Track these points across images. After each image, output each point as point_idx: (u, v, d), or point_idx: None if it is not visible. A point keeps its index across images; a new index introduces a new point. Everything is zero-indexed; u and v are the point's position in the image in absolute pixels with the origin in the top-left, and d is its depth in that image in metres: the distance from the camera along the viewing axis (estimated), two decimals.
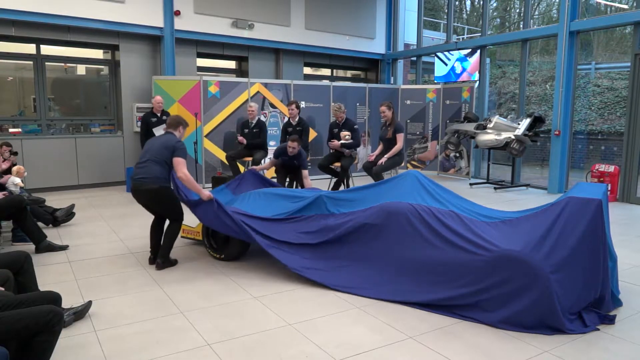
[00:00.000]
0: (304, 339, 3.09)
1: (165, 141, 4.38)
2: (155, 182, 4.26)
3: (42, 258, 4.65)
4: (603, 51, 15.82)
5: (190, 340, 3.05)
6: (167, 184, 4.33)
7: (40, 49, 8.50)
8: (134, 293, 3.84)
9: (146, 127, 7.49)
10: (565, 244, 3.25)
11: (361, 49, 11.85)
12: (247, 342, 3.04)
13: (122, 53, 8.94)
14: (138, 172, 4.34)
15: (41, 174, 8.13)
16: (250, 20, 9.89)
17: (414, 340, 3.08)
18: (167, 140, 4.39)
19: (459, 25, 18.06)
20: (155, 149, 4.35)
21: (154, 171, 4.27)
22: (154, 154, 4.32)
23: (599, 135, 13.33)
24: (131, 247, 5.13)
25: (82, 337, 3.07)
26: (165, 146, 4.33)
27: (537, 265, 3.15)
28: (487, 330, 3.21)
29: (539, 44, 15.92)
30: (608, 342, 3.07)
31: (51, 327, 2.29)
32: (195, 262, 4.63)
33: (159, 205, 4.44)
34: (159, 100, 7.63)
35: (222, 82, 9.08)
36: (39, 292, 2.86)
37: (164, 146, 4.33)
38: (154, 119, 7.49)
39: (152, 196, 4.33)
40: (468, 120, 9.28)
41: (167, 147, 4.31)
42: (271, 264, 4.53)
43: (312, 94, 10.05)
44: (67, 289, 3.83)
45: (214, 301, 3.68)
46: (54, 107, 8.92)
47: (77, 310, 3.27)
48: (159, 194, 4.31)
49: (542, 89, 15.01)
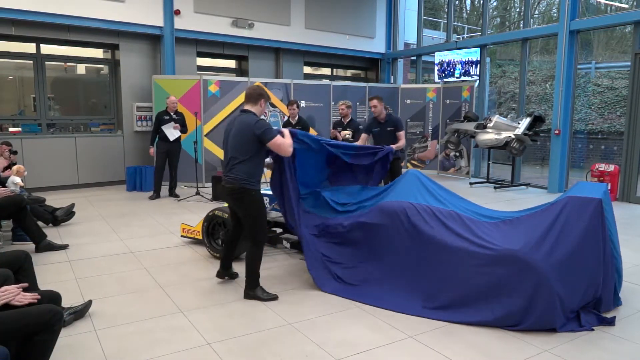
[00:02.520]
0: (304, 338, 3.08)
1: (242, 130, 3.61)
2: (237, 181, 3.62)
3: (42, 257, 4.64)
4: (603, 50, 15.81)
5: (190, 340, 3.05)
6: (252, 186, 3.65)
7: (40, 49, 8.50)
8: (134, 292, 3.84)
9: (158, 125, 7.62)
10: (565, 243, 3.25)
11: (361, 48, 11.84)
12: (247, 341, 3.04)
13: (122, 52, 8.94)
14: (224, 171, 3.76)
15: (41, 173, 8.13)
16: (250, 19, 9.89)
17: (413, 340, 3.08)
18: (243, 127, 3.61)
19: (459, 24, 18.05)
20: (233, 145, 3.64)
21: (238, 170, 3.62)
22: (235, 152, 3.63)
23: (599, 134, 13.32)
24: (131, 246, 5.13)
25: (82, 337, 3.06)
26: (244, 138, 3.59)
27: (537, 264, 3.14)
28: (487, 329, 3.21)
29: (539, 43, 15.91)
30: (608, 342, 3.07)
31: (51, 326, 2.29)
32: (195, 262, 4.62)
33: (240, 208, 3.75)
34: (173, 100, 7.74)
35: (222, 82, 9.07)
36: (38, 291, 2.86)
37: (243, 139, 3.60)
38: (167, 117, 7.60)
39: (234, 197, 3.70)
40: (468, 119, 9.28)
41: (247, 137, 3.58)
42: (271, 263, 4.53)
43: (312, 93, 10.04)
44: (67, 288, 3.82)
45: (214, 300, 3.68)
46: (54, 106, 8.92)
47: (77, 310, 3.27)
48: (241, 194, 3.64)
49: (542, 88, 15.00)
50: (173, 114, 7.68)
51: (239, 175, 3.60)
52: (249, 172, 3.61)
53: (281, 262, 4.62)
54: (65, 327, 3.05)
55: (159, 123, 7.59)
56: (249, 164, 3.61)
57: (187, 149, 8.56)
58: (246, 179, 3.60)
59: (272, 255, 4.81)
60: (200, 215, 5.84)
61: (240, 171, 3.61)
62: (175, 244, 5.24)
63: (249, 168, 3.61)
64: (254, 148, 3.60)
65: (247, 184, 3.61)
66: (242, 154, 3.60)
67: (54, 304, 2.52)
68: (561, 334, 3.13)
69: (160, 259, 4.71)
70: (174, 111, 7.71)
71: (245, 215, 3.71)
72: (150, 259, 4.68)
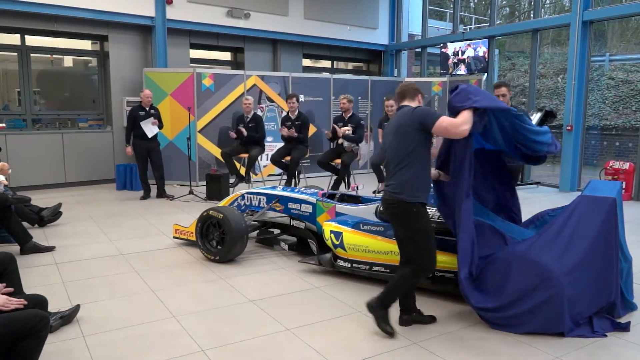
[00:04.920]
0: (303, 345, 3.09)
1: (400, 124, 3.12)
2: (394, 192, 3.11)
3: (27, 260, 4.64)
4: (618, 42, 15.80)
5: (183, 346, 3.05)
6: (413, 198, 3.09)
7: (25, 40, 8.48)
8: (124, 296, 3.84)
9: (133, 121, 7.45)
10: (578, 245, 3.25)
11: (363, 40, 11.83)
12: (242, 348, 3.04)
13: (111, 44, 8.93)
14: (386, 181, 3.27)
15: (26, 171, 8.12)
16: (246, 9, 9.88)
17: (418, 346, 3.08)
18: (400, 120, 3.14)
19: (466, 14, 18.04)
20: (391, 145, 3.16)
21: (396, 178, 3.12)
22: (393, 155, 3.14)
23: (613, 130, 13.33)
24: (121, 248, 5.13)
25: (69, 343, 3.06)
26: (402, 133, 3.09)
27: (549, 266, 3.15)
28: (496, 335, 3.22)
29: (550, 35, 15.91)
30: (620, 348, 3.07)
31: (37, 332, 2.29)
32: (189, 264, 4.63)
33: (396, 227, 3.23)
34: (148, 94, 7.60)
35: (217, 75, 9.06)
36: (24, 295, 2.86)
37: (401, 135, 3.09)
38: (142, 113, 7.47)
39: (389, 212, 3.22)
40: None
41: (406, 130, 3.06)
42: (268, 266, 4.54)
43: (311, 87, 10.04)
44: (54, 292, 3.83)
45: (208, 305, 3.68)
46: (40, 101, 8.92)
47: (65, 315, 3.27)
48: (396, 208, 3.14)
49: (553, 81, 15.01)
50: (149, 109, 7.58)
51: (395, 185, 3.10)
52: (409, 180, 3.07)
53: (279, 264, 4.62)
54: (52, 333, 3.05)
55: (135, 119, 7.44)
56: (410, 170, 3.07)
57: (180, 145, 8.57)
58: (405, 189, 3.07)
59: (269, 258, 4.81)
60: (193, 215, 5.84)
61: (398, 179, 3.09)
62: (168, 245, 5.24)
63: (410, 175, 3.07)
64: (415, 145, 3.04)
65: (405, 195, 3.07)
66: (402, 155, 3.08)
67: (40, 309, 2.53)
68: (573, 340, 3.13)
69: (151, 261, 4.71)
70: (149, 106, 7.62)
71: (404, 237, 3.18)
72: (141, 262, 4.68)
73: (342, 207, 4.57)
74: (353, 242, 4.10)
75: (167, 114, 8.49)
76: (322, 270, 4.39)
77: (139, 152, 7.55)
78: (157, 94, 8.31)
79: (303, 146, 7.41)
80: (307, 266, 4.48)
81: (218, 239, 4.65)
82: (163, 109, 8.23)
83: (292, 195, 4.90)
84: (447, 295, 3.77)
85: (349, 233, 4.15)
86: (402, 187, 3.08)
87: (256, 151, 7.48)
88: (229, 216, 4.50)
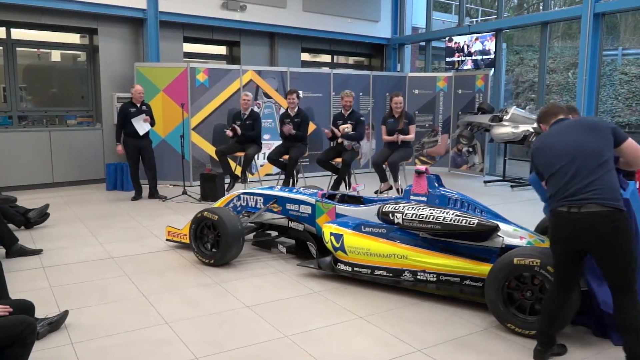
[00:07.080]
0: (302, 352, 3.09)
1: (591, 127, 2.83)
2: (607, 201, 2.64)
3: (13, 263, 4.63)
4: (631, 35, 15.82)
5: (177, 354, 3.05)
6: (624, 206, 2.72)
7: (11, 33, 8.47)
8: (115, 302, 3.84)
9: (124, 119, 7.44)
10: None
11: (364, 33, 11.83)
12: (238, 356, 3.04)
13: (101, 37, 8.92)
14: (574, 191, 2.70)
15: (12, 170, 8.11)
16: (242, 1, 9.87)
17: (422, 354, 3.09)
18: (590, 124, 2.86)
19: (473, 6, 18.06)
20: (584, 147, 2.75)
21: (600, 183, 2.67)
22: (587, 159, 2.72)
23: (626, 127, 13.35)
24: (111, 251, 5.13)
25: (57, 350, 3.06)
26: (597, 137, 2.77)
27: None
28: (503, 343, 3.22)
29: (560, 28, 15.93)
30: None
31: (23, 339, 2.29)
32: (182, 268, 4.63)
33: (611, 245, 2.66)
34: (139, 90, 7.60)
35: (212, 70, 9.06)
36: (9, 301, 2.86)
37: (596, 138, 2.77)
38: (134, 109, 7.47)
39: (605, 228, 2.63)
40: (482, 111, 9.28)
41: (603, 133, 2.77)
42: (265, 269, 4.54)
43: (310, 82, 10.04)
44: (41, 297, 3.82)
45: (203, 310, 3.68)
46: (26, 97, 8.91)
47: (52, 321, 3.27)
48: (617, 221, 2.64)
49: (563, 77, 15.03)
50: (140, 105, 7.57)
51: (605, 190, 2.65)
52: (616, 185, 2.71)
53: (276, 268, 4.63)
54: (39, 339, 3.05)
55: (126, 116, 7.42)
56: (612, 173, 2.72)
57: (173, 144, 8.57)
58: (617, 195, 2.68)
59: (267, 261, 4.82)
60: (187, 216, 5.84)
61: (605, 182, 2.67)
62: (160, 248, 5.24)
63: (614, 179, 2.72)
64: (609, 150, 2.75)
65: (621, 203, 2.67)
66: (604, 155, 2.72)
67: (27, 315, 2.53)
68: (593, 345, 3.14)
69: (143, 265, 4.71)
70: (141, 102, 7.63)
71: (619, 254, 2.66)
72: (132, 265, 4.68)
73: (343, 208, 4.57)
74: (354, 244, 4.10)
75: (160, 111, 8.49)
76: (322, 274, 4.40)
77: (130, 151, 7.54)
78: (148, 90, 8.30)
79: (302, 144, 7.42)
80: (306, 270, 4.48)
81: (213, 242, 4.65)
82: (155, 105, 8.23)
83: (290, 196, 4.91)
84: (452, 300, 3.78)
85: (350, 235, 4.15)
86: (614, 192, 2.67)
87: (253, 150, 7.48)
88: (224, 218, 4.50)
